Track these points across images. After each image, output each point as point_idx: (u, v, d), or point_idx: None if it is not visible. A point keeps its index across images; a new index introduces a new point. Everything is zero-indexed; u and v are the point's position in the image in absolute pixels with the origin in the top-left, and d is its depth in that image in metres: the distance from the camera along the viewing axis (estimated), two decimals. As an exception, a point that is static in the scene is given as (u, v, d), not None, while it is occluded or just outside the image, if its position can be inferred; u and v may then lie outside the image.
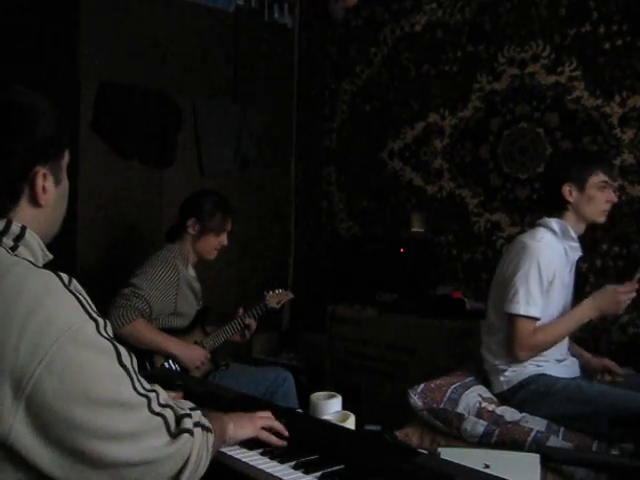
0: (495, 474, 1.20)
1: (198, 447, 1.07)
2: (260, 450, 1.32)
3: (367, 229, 3.98)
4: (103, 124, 3.15)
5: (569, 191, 2.21)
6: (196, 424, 1.09)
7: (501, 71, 3.40)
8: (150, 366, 2.47)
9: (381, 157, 3.89)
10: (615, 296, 2.09)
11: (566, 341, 2.30)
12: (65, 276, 0.98)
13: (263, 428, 1.35)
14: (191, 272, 2.68)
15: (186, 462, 1.04)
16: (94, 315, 0.97)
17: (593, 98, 3.11)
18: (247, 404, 1.48)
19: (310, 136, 4.22)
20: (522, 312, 2.11)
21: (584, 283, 3.04)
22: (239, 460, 1.28)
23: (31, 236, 1.05)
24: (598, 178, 2.22)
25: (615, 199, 2.26)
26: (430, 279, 3.53)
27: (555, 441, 1.96)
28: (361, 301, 3.49)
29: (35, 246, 1.05)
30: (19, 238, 1.03)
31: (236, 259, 2.87)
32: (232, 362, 2.81)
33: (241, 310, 2.78)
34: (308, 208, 4.26)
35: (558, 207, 2.25)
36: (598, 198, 2.22)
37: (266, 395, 2.60)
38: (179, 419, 1.06)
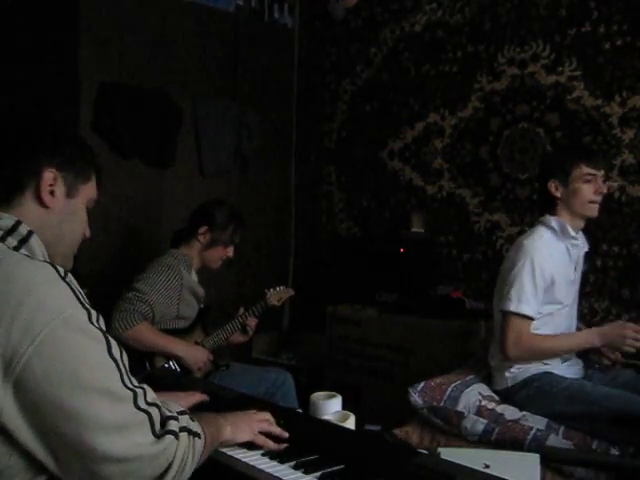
0: (495, 474, 1.20)
1: (183, 451, 1.06)
2: (260, 450, 1.32)
3: (367, 229, 3.98)
4: (103, 124, 3.15)
5: (555, 187, 2.22)
6: (182, 428, 1.08)
7: (501, 71, 3.40)
8: (150, 367, 2.47)
9: (381, 157, 3.89)
10: (623, 331, 2.09)
11: None
12: (61, 269, 1.01)
13: (261, 432, 1.34)
14: (194, 277, 2.68)
15: (170, 465, 1.03)
16: (87, 306, 0.99)
17: (593, 98, 3.11)
18: (247, 404, 1.48)
19: (310, 136, 4.22)
20: (513, 309, 2.11)
21: (584, 283, 3.04)
22: (239, 460, 1.28)
23: (36, 242, 1.07)
24: (581, 171, 2.20)
25: (604, 189, 2.24)
26: (430, 279, 3.53)
27: (555, 439, 1.96)
28: (361, 301, 3.49)
29: (37, 253, 1.07)
30: (24, 241, 1.05)
31: (236, 259, 2.86)
32: (232, 362, 2.82)
33: (242, 309, 2.78)
34: (308, 208, 4.26)
35: (549, 204, 2.26)
36: (584, 190, 2.20)
37: (266, 395, 2.60)
38: (165, 420, 1.06)
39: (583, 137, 3.14)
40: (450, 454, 1.49)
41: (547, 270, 2.15)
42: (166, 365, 2.52)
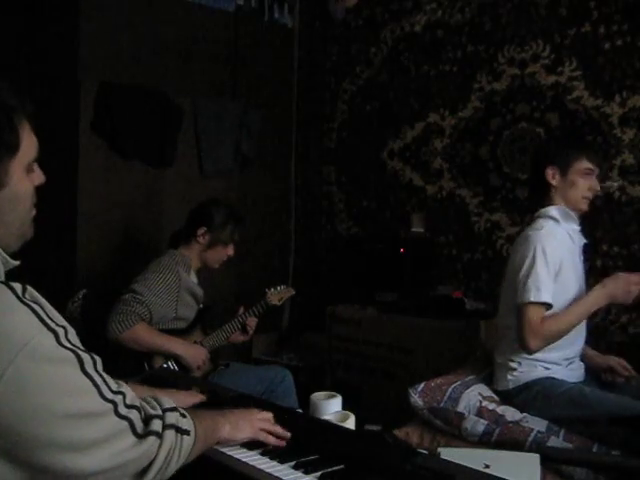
0: (495, 474, 1.20)
1: (167, 449, 1.04)
2: (260, 450, 1.31)
3: (367, 229, 3.98)
4: (103, 124, 3.15)
5: (552, 174, 2.19)
6: (169, 426, 1.06)
7: (501, 71, 3.40)
8: (149, 367, 2.46)
9: (381, 157, 3.89)
10: (626, 284, 2.06)
11: (582, 340, 2.27)
12: (18, 286, 0.93)
13: (262, 430, 1.33)
14: (193, 278, 2.67)
15: (151, 463, 1.02)
16: (52, 326, 0.92)
17: (593, 98, 3.11)
18: (247, 403, 1.48)
19: (310, 136, 4.22)
20: (532, 299, 2.06)
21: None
22: (239, 460, 1.28)
23: None
24: (582, 165, 2.19)
25: (597, 188, 2.23)
26: (430, 279, 3.53)
27: (555, 442, 1.95)
28: (361, 301, 3.49)
29: None
30: None
31: (236, 259, 2.86)
32: (232, 362, 2.81)
33: (241, 309, 2.78)
34: (308, 208, 4.26)
35: (542, 190, 2.23)
36: (580, 184, 2.19)
37: (265, 394, 2.60)
38: (147, 420, 1.03)
39: (583, 137, 3.15)
40: (450, 454, 1.49)
41: (557, 255, 2.12)
42: (165, 365, 2.51)
